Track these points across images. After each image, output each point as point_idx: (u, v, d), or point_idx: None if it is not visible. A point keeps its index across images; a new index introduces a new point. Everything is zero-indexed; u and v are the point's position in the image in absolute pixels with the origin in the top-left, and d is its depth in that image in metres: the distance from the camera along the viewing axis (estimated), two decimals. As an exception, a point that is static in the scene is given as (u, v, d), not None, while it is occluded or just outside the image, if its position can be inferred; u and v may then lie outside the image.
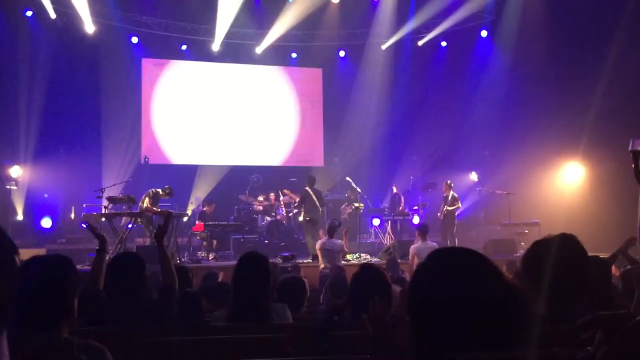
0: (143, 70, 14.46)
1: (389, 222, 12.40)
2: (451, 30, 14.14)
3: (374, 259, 10.34)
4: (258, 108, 15.15)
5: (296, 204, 11.92)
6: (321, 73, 15.64)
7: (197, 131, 14.62)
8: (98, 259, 3.42)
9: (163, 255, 3.41)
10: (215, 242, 11.21)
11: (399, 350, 1.88)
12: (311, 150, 15.55)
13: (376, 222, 12.72)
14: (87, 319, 2.95)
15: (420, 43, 14.90)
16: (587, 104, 10.58)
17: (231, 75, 15.08)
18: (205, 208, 12.12)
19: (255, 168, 14.20)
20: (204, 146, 14.60)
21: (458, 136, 13.83)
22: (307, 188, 11.15)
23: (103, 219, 9.64)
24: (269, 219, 12.58)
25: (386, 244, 11.54)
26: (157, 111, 14.53)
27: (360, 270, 3.08)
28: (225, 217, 12.17)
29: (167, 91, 14.60)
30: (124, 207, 10.15)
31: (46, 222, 12.06)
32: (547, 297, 2.02)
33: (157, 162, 13.86)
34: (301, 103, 15.55)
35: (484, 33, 14.40)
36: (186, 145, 14.54)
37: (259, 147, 14.98)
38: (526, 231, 11.70)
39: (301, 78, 15.66)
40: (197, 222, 11.53)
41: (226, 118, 14.83)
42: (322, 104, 15.64)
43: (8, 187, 11.91)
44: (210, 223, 11.19)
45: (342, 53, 15.48)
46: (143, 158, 13.36)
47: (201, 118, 14.69)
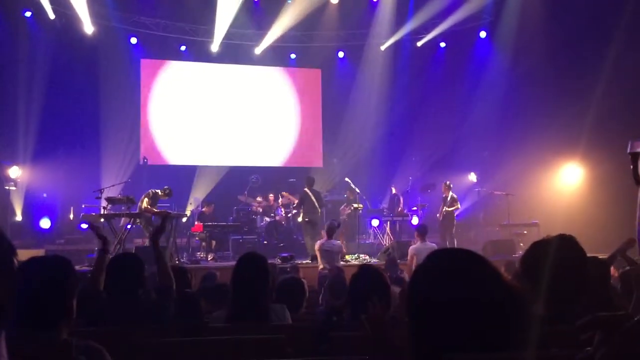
0: (142, 70, 14.44)
1: (388, 223, 12.40)
2: (450, 31, 14.13)
3: (373, 260, 10.33)
4: (257, 109, 15.12)
5: (295, 205, 11.92)
6: (320, 74, 15.61)
7: (196, 132, 14.59)
8: (100, 259, 3.40)
9: (159, 256, 3.39)
10: (214, 243, 11.21)
11: (398, 351, 1.88)
12: (310, 151, 15.52)
13: (375, 223, 12.71)
14: (87, 319, 2.95)
15: (419, 44, 14.90)
16: (586, 105, 10.58)
17: (230, 76, 15.06)
18: (204, 209, 12.11)
19: (254, 169, 14.17)
20: (203, 147, 14.57)
21: (457, 137, 13.81)
22: (306, 189, 11.16)
23: (102, 220, 9.63)
24: (268, 220, 12.57)
25: (385, 245, 11.54)
26: (156, 112, 14.50)
27: (359, 271, 3.08)
28: (224, 218, 12.16)
29: (166, 92, 14.57)
30: (123, 208, 10.14)
31: (45, 223, 12.05)
32: (546, 298, 2.02)
33: (156, 163, 13.85)
34: (300, 104, 15.52)
35: (483, 34, 14.39)
36: (185, 145, 14.52)
37: (258, 148, 14.96)
38: (525, 232, 11.71)
39: (300, 79, 15.64)
40: (196, 223, 11.53)
41: (225, 119, 14.81)
42: (321, 105, 15.62)
43: (7, 188, 11.90)
44: (209, 224, 11.20)
45: (341, 54, 15.45)
46: (142, 159, 13.33)
47: (200, 119, 14.67)
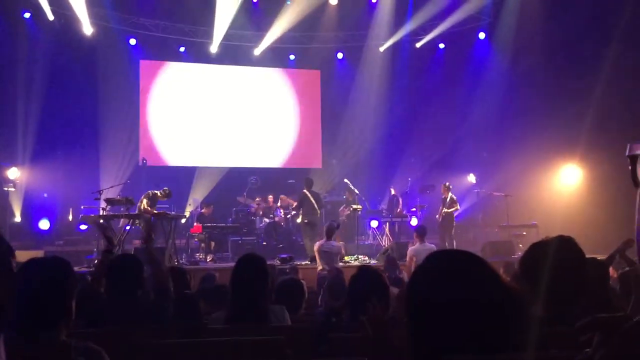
0: (141, 71, 14.42)
1: (387, 224, 12.40)
2: (449, 32, 14.12)
3: (372, 261, 10.33)
4: (256, 110, 15.11)
5: (294, 207, 11.92)
6: (319, 75, 15.60)
7: (195, 133, 14.58)
8: (104, 260, 3.40)
9: (153, 261, 3.39)
10: (213, 244, 11.19)
11: (397, 352, 1.87)
12: (309, 152, 15.51)
13: (374, 224, 12.71)
14: (86, 320, 2.95)
15: (418, 45, 14.90)
16: (586, 105, 10.57)
17: (229, 77, 15.06)
18: (203, 210, 12.10)
19: (253, 170, 14.15)
20: (202, 148, 14.56)
21: (456, 138, 13.81)
22: (305, 190, 11.16)
23: (101, 221, 9.62)
24: (267, 221, 12.56)
25: (384, 246, 11.53)
26: (155, 113, 14.49)
27: (358, 272, 3.09)
28: (223, 219, 12.14)
29: (165, 93, 14.56)
30: (122, 209, 10.13)
31: (44, 224, 12.03)
32: (545, 299, 2.02)
33: (155, 164, 13.84)
34: (299, 105, 15.52)
35: (482, 35, 14.39)
36: (184, 147, 14.50)
37: (257, 149, 14.95)
38: (524, 233, 11.71)
39: (299, 80, 15.63)
40: (195, 224, 11.52)
41: (224, 120, 14.80)
42: (320, 106, 15.61)
43: (6, 189, 11.88)
44: (208, 225, 11.19)
45: (340, 55, 15.44)
46: (141, 160, 13.32)
47: (199, 120, 14.65)
